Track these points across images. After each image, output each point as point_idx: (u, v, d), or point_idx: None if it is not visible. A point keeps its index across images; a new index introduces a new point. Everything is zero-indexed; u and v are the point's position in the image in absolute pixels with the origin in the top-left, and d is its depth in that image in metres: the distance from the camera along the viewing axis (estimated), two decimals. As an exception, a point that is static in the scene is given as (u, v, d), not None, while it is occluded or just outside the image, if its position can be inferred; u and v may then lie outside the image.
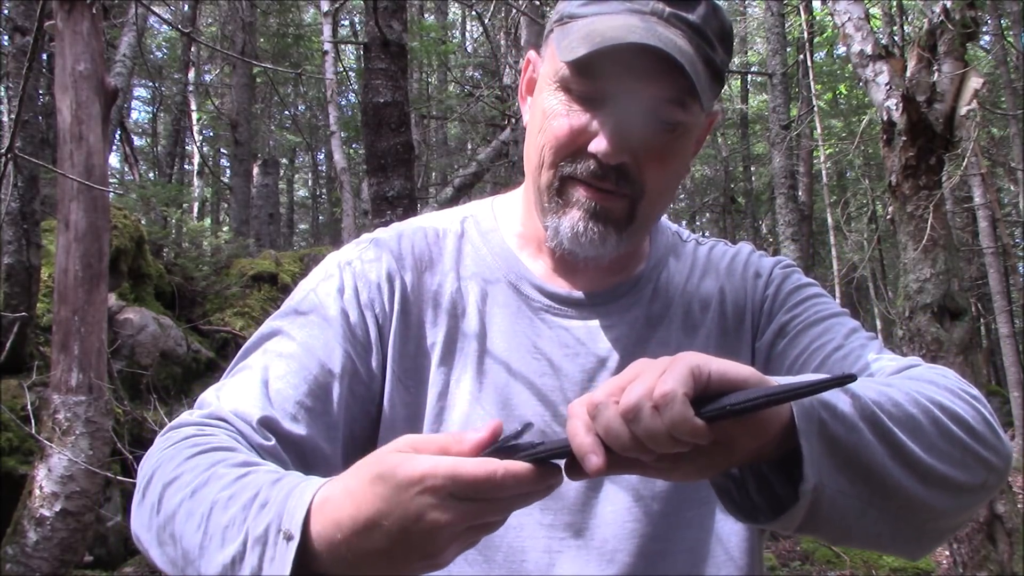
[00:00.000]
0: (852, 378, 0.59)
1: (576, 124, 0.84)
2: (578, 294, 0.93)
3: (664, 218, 1.03)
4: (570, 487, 0.85)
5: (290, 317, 0.90)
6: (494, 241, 0.97)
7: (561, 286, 0.94)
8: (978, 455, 0.72)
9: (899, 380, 0.77)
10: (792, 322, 0.93)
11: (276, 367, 0.85)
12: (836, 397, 0.66)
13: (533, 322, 0.92)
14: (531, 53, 0.94)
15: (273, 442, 0.79)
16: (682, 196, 21.80)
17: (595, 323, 0.92)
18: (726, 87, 15.10)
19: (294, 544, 0.59)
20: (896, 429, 0.67)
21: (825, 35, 11.63)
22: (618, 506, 0.87)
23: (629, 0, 0.83)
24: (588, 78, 0.82)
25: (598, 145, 0.82)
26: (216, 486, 0.67)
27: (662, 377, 0.59)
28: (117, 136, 10.21)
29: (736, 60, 16.27)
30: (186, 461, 0.72)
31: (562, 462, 0.62)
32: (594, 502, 0.87)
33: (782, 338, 0.93)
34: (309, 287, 0.93)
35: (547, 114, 0.86)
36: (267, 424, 0.80)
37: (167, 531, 0.69)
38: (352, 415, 0.87)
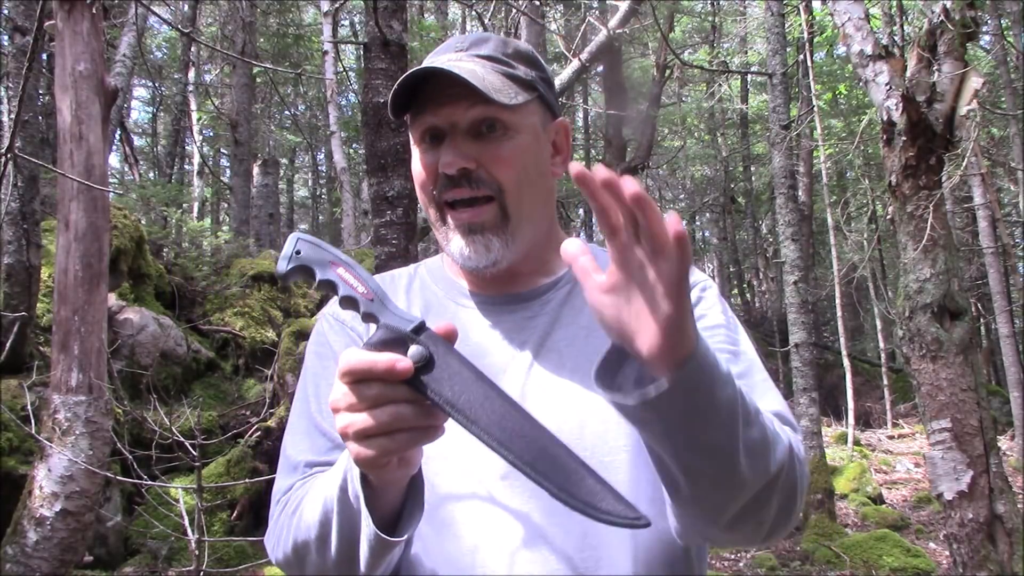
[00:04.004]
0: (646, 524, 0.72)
1: (429, 160, 1.02)
2: (505, 295, 1.08)
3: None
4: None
5: (315, 378, 1.06)
6: (438, 275, 1.14)
7: (490, 292, 1.09)
8: (772, 464, 0.83)
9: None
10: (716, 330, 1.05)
11: (300, 437, 1.04)
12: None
13: (466, 322, 1.05)
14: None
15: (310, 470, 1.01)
16: (682, 196, 21.79)
17: (519, 315, 1.06)
18: (726, 87, 15.12)
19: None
20: (742, 414, 0.77)
21: (825, 35, 11.62)
22: None
23: (432, 60, 1.02)
24: (419, 118, 1.01)
25: (442, 163, 0.99)
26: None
27: None
28: (117, 136, 10.21)
29: (736, 60, 16.29)
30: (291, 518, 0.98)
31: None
32: None
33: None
34: (316, 349, 1.09)
35: (415, 168, 1.04)
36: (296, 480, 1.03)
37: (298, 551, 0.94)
38: None
